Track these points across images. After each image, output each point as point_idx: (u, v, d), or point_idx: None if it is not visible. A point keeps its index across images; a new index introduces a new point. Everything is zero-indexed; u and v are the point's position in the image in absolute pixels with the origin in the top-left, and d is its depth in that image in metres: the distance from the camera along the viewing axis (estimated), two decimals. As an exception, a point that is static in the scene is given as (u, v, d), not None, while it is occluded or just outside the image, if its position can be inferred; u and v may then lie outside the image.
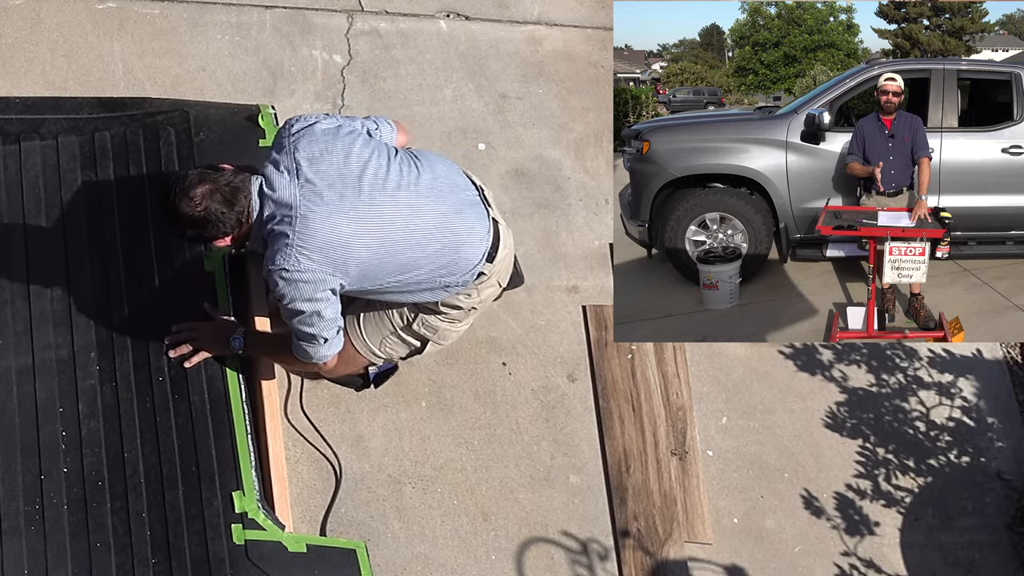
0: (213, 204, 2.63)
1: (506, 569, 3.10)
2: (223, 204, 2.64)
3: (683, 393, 3.52)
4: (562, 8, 4.31)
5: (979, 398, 3.74)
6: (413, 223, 2.72)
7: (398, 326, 2.99)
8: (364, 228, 2.67)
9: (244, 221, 2.68)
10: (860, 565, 3.33)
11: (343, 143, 2.72)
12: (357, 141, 2.75)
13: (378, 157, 2.74)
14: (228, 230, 2.68)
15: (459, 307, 2.93)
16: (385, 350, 3.04)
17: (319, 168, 2.68)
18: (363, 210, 2.67)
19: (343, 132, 2.76)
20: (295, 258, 2.62)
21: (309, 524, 3.03)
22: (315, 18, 3.99)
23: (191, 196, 2.62)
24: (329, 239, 2.63)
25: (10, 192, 3.11)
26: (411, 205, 2.73)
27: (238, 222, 2.67)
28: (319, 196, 2.64)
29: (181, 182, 2.65)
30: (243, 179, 2.68)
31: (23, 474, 2.74)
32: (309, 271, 2.63)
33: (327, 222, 2.63)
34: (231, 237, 2.71)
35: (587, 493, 3.29)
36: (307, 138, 2.72)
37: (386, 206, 2.70)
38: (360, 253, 2.66)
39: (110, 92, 3.58)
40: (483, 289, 2.91)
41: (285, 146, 2.73)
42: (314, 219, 2.63)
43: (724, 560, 3.27)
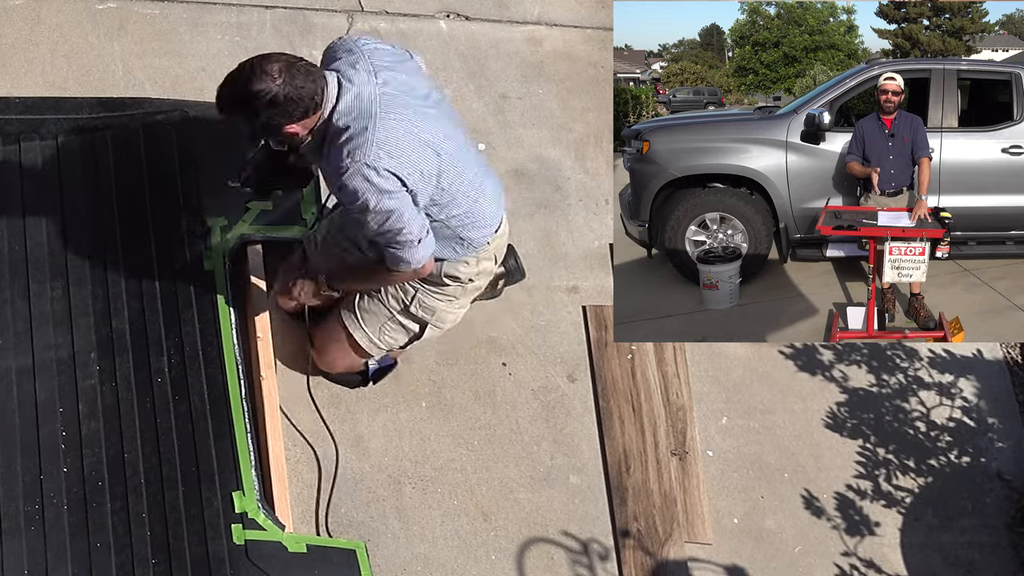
0: (292, 78, 2.48)
1: (506, 569, 3.10)
2: (303, 78, 2.50)
3: (683, 393, 3.52)
4: (562, 8, 4.31)
5: (979, 398, 3.73)
6: (463, 156, 2.74)
7: (395, 310, 2.98)
8: (432, 138, 2.64)
9: (319, 104, 2.54)
10: (860, 565, 3.33)
11: (409, 67, 2.73)
12: (419, 72, 2.76)
13: (437, 91, 2.77)
14: (304, 111, 2.52)
15: (458, 278, 2.91)
16: (384, 338, 3.04)
17: (393, 76, 2.64)
18: (431, 123, 2.65)
19: (407, 59, 2.76)
20: (376, 152, 2.53)
21: (309, 524, 3.03)
22: (315, 18, 3.99)
23: (267, 70, 2.46)
24: (408, 138, 2.58)
25: (10, 192, 3.11)
26: (459, 140, 2.75)
27: (314, 103, 2.53)
28: (395, 99, 2.60)
29: (251, 61, 2.50)
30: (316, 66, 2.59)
31: (23, 474, 2.74)
32: (393, 166, 2.55)
33: (405, 122, 2.59)
34: (302, 125, 2.56)
35: (587, 493, 3.28)
36: (379, 51, 2.69)
37: (445, 130, 2.70)
38: (427, 162, 2.63)
39: (110, 92, 3.58)
40: (482, 260, 2.91)
41: (356, 51, 2.67)
42: (393, 117, 2.57)
43: (724, 560, 3.26)
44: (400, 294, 2.97)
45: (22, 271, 3.01)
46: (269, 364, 3.09)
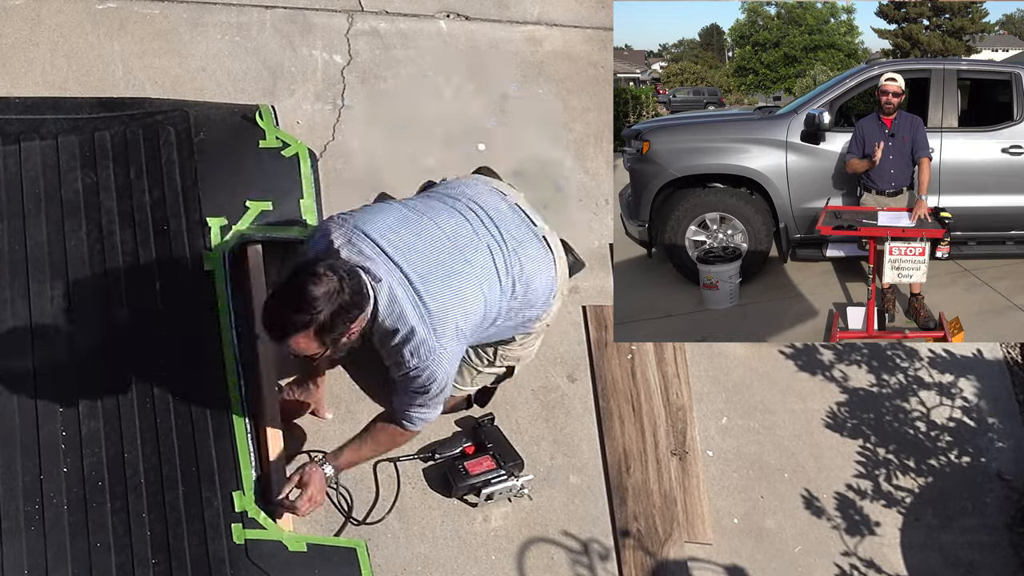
0: (343, 277, 2.45)
1: (506, 569, 3.10)
2: (348, 274, 2.48)
3: (683, 393, 3.52)
4: (562, 8, 4.31)
5: (979, 398, 3.73)
6: (491, 264, 2.70)
7: (480, 367, 3.06)
8: (464, 284, 2.63)
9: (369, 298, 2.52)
10: (860, 565, 3.33)
11: (399, 210, 2.70)
12: (406, 208, 2.72)
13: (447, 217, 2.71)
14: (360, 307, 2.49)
15: (532, 333, 2.96)
16: (476, 381, 3.12)
17: (395, 239, 2.61)
18: (454, 264, 2.63)
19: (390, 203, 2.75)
20: (437, 342, 2.57)
21: (309, 524, 3.03)
22: (315, 18, 3.99)
23: (316, 273, 2.43)
24: (448, 306, 2.59)
25: (10, 192, 3.11)
26: (482, 249, 2.69)
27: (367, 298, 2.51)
28: (417, 267, 2.59)
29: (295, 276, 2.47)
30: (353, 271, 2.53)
31: (23, 474, 2.74)
32: (449, 346, 2.60)
33: (439, 292, 2.59)
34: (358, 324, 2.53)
35: (587, 493, 3.28)
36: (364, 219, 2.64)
37: (468, 255, 2.67)
38: (470, 307, 2.63)
39: (110, 92, 3.58)
40: (552, 309, 2.92)
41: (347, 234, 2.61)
42: (428, 296, 2.57)
43: (724, 560, 3.26)
44: (483, 354, 3.01)
45: (22, 271, 3.01)
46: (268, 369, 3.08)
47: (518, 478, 3.14)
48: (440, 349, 2.58)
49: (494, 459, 3.13)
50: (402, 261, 2.59)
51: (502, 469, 3.11)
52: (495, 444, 3.16)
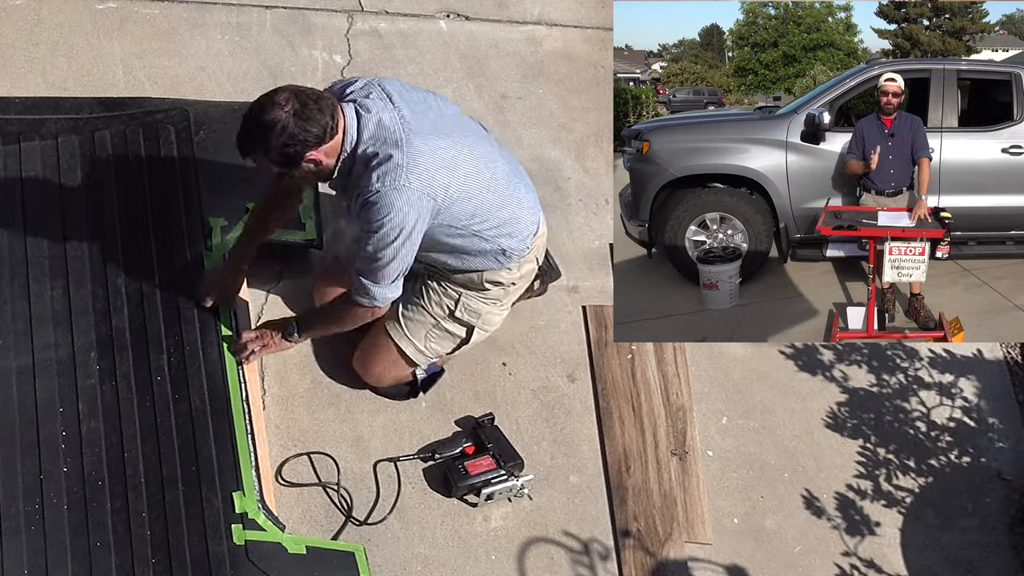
0: (303, 105, 2.52)
1: (506, 569, 3.10)
2: (313, 103, 2.53)
3: (683, 393, 3.52)
4: (562, 8, 4.31)
5: (979, 398, 3.74)
6: (490, 168, 2.78)
7: (440, 316, 3.03)
8: (458, 157, 2.69)
9: (335, 128, 2.58)
10: (860, 565, 3.33)
11: (422, 92, 2.79)
12: (429, 92, 2.82)
13: (454, 105, 2.82)
14: (319, 134, 2.55)
15: (500, 283, 2.97)
16: (431, 346, 3.08)
17: (408, 98, 2.69)
18: (456, 141, 2.70)
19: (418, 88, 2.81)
20: (405, 177, 2.58)
21: (309, 525, 3.03)
22: (315, 18, 3.99)
23: (275, 100, 2.52)
24: (434, 160, 2.62)
25: (10, 192, 3.11)
26: (487, 153, 2.80)
27: (330, 127, 2.56)
28: (415, 121, 2.64)
29: (258, 99, 2.57)
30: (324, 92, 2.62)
31: (23, 474, 2.74)
32: (416, 191, 2.60)
33: (430, 143, 2.63)
34: (324, 152, 2.59)
35: (587, 493, 3.28)
36: (389, 81, 2.74)
37: (470, 145, 2.75)
38: (455, 180, 2.67)
39: (110, 92, 3.58)
40: (523, 264, 2.96)
41: (366, 84, 2.70)
42: (417, 140, 2.61)
43: (724, 560, 3.26)
44: (445, 300, 3.02)
45: (22, 271, 3.01)
46: (252, 368, 3.08)
47: (518, 478, 3.14)
48: (407, 187, 2.58)
49: (494, 459, 3.13)
50: (405, 110, 2.65)
51: (502, 469, 3.11)
52: (495, 444, 3.17)
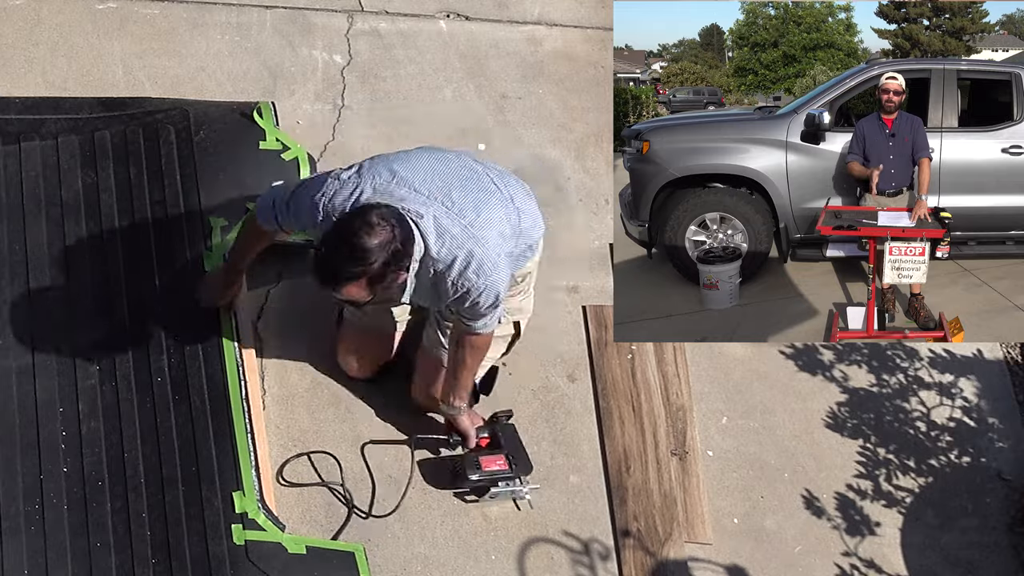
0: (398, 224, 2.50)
1: (506, 569, 3.10)
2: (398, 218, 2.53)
3: (683, 393, 3.52)
4: (562, 8, 4.31)
5: (979, 398, 3.73)
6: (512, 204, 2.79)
7: None
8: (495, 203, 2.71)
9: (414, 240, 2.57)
10: (860, 565, 3.33)
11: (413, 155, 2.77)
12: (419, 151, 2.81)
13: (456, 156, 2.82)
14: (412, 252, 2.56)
15: (528, 272, 3.01)
16: (487, 353, 3.09)
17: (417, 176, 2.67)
18: (484, 190, 2.72)
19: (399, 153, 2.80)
20: (492, 263, 2.63)
21: (309, 525, 3.03)
22: (315, 18, 3.99)
23: (370, 221, 2.46)
24: (494, 230, 2.67)
25: (10, 192, 3.11)
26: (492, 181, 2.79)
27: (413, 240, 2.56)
28: (460, 199, 2.66)
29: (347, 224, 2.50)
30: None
31: (23, 474, 2.74)
32: (504, 266, 2.68)
33: (478, 207, 2.66)
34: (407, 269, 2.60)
35: (587, 493, 3.28)
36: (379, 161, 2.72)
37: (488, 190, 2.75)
38: (504, 222, 2.72)
39: (110, 92, 3.58)
40: (536, 254, 3.00)
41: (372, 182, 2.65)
42: (471, 211, 2.64)
43: (724, 560, 3.26)
44: None
45: (22, 271, 3.01)
46: (252, 368, 3.08)
47: (524, 484, 3.13)
48: (496, 258, 2.63)
49: (508, 460, 3.10)
50: (431, 189, 2.64)
51: (512, 472, 3.09)
52: (508, 442, 3.14)
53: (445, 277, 2.64)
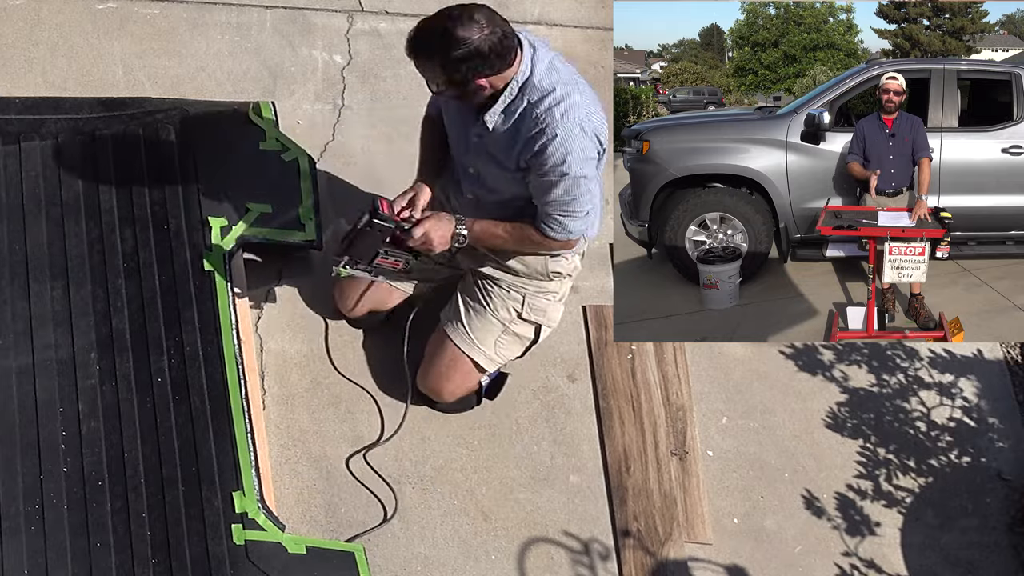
0: (498, 30, 2.56)
1: (506, 569, 3.10)
2: (509, 36, 2.58)
3: (683, 393, 3.52)
4: (562, 8, 4.31)
5: (979, 398, 3.73)
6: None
7: (508, 320, 3.05)
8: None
9: (513, 61, 2.60)
10: (861, 565, 3.33)
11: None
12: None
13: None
14: (503, 64, 2.58)
15: (560, 272, 2.99)
16: (500, 352, 3.10)
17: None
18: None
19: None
20: (586, 114, 2.60)
21: (309, 525, 3.03)
22: (315, 18, 3.99)
23: (475, 18, 2.53)
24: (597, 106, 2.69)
25: (10, 192, 3.11)
26: None
27: (511, 59, 2.60)
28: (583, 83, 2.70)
29: (456, 8, 2.56)
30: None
31: (23, 474, 2.74)
32: (598, 129, 2.63)
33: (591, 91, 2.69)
34: (491, 81, 2.61)
35: (587, 493, 3.28)
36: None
37: None
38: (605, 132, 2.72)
39: (110, 92, 3.58)
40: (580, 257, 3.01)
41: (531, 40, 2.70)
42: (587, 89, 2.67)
43: (724, 560, 3.27)
44: (511, 303, 3.04)
45: (22, 271, 3.01)
46: (252, 368, 3.08)
47: None
48: (586, 117, 2.60)
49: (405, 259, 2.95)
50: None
51: None
52: None
53: (533, 109, 2.62)
